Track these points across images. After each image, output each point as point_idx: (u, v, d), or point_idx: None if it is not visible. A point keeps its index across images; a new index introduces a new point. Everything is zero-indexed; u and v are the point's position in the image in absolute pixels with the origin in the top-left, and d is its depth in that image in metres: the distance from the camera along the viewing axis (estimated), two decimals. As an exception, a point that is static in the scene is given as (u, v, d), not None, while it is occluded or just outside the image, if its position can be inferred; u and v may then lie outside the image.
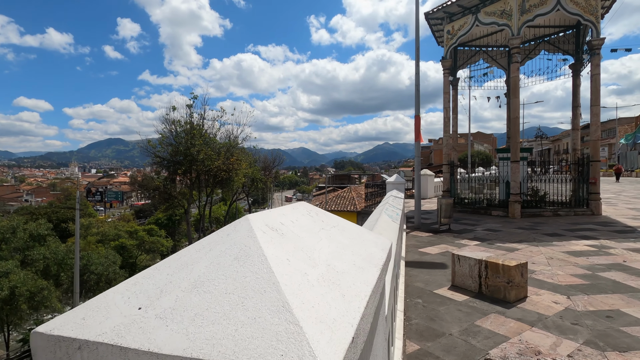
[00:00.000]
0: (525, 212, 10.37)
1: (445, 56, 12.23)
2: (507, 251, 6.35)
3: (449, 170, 12.34)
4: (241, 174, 42.89)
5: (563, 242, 6.90)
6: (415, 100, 9.00)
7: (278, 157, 63.21)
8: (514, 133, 10.36)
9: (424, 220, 10.12)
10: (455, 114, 14.68)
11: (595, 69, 10.26)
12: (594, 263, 5.44)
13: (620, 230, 7.93)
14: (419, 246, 6.95)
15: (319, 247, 1.10)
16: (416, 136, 8.96)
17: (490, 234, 8.02)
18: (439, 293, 4.35)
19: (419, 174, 9.08)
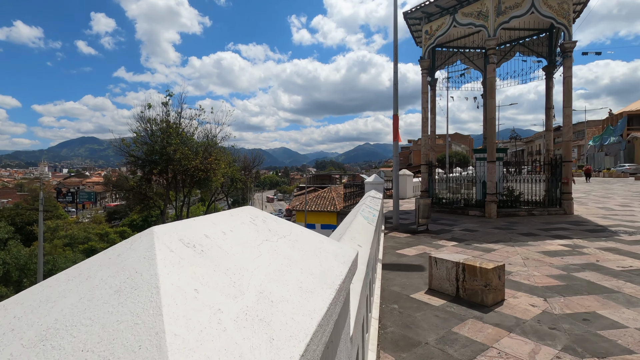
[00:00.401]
0: (501, 212, 10.47)
1: (424, 56, 12.23)
2: (484, 252, 6.30)
3: (427, 171, 12.35)
4: (220, 174, 42.03)
5: (538, 242, 6.93)
6: (394, 99, 8.89)
7: (258, 157, 62.41)
8: (490, 133, 10.45)
9: (403, 221, 10.04)
10: (433, 115, 14.74)
11: (568, 72, 10.48)
12: (568, 263, 5.44)
13: (591, 230, 8.08)
14: (396, 247, 6.81)
15: (254, 267, 0.85)
16: (395, 136, 8.85)
17: (467, 234, 7.99)
18: (415, 298, 4.19)
19: (397, 174, 8.98)
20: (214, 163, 37.79)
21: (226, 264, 0.80)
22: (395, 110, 8.84)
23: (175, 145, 33.53)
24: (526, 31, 13.21)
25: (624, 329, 3.28)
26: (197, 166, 35.79)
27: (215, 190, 47.99)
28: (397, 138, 8.81)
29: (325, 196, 28.99)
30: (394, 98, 8.88)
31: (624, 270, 5.03)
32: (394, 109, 8.86)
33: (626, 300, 3.93)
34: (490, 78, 10.42)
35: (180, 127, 37.28)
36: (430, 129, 14.79)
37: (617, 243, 6.67)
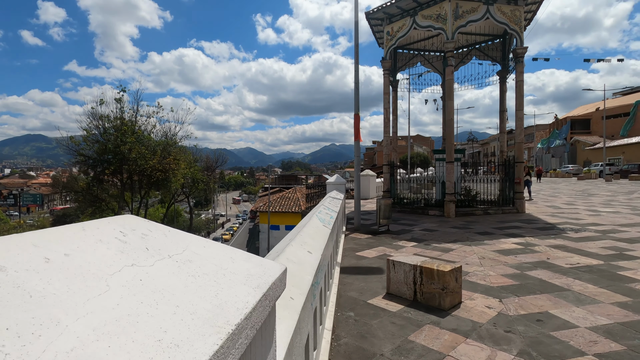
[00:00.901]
0: (459, 212, 10.70)
1: (385, 57, 12.28)
2: (442, 252, 6.29)
3: (389, 171, 12.40)
4: (180, 174, 40.19)
5: (493, 241, 7.07)
6: (355, 99, 8.77)
7: (221, 157, 60.59)
8: (448, 134, 10.66)
9: (364, 222, 9.96)
10: (395, 116, 14.91)
11: (520, 76, 10.93)
12: (521, 262, 5.53)
13: (541, 228, 8.41)
14: (356, 249, 6.65)
15: (81, 314, 0.55)
16: (356, 135, 8.72)
17: (427, 234, 8.02)
18: (373, 303, 4.00)
19: (358, 174, 8.86)
20: (173, 163, 36.08)
21: (20, 316, 0.49)
22: (356, 110, 8.72)
23: (130, 144, 31.60)
24: (482, 36, 13.69)
25: (575, 328, 3.27)
26: (154, 166, 33.98)
27: (175, 191, 45.96)
28: (359, 138, 8.69)
29: (290, 197, 28.61)
30: (355, 97, 8.76)
31: (572, 267, 5.18)
32: (355, 109, 8.74)
33: (576, 299, 3.99)
34: (448, 80, 10.63)
35: (136, 125, 35.24)
36: (392, 130, 14.93)
37: (565, 240, 6.94)
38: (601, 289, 4.27)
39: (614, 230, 7.80)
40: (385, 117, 12.42)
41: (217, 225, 72.09)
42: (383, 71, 12.43)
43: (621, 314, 3.55)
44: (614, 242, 6.66)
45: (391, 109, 13.07)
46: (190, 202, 54.55)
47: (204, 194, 68.29)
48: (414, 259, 4.24)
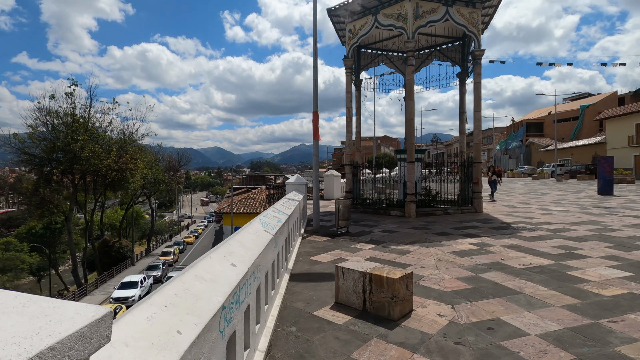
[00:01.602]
0: (420, 212, 10.68)
1: (348, 55, 12.07)
2: (399, 254, 6.10)
3: (352, 171, 12.21)
4: (138, 174, 38.02)
5: (451, 242, 6.99)
6: (314, 96, 8.44)
7: (185, 157, 58.22)
8: (409, 134, 10.61)
9: (325, 223, 9.67)
10: (358, 115, 14.79)
11: (477, 78, 11.11)
12: (476, 263, 5.44)
13: (497, 227, 8.50)
14: (312, 253, 6.31)
15: None
16: (314, 134, 8.39)
17: (386, 235, 7.85)
18: (318, 315, 3.66)
19: (316, 174, 8.54)
20: (131, 162, 34.04)
21: None
22: (315, 108, 8.40)
23: (82, 142, 29.43)
24: (443, 38, 13.86)
25: (525, 337, 3.11)
26: (109, 166, 31.86)
27: (134, 192, 43.48)
28: (317, 137, 8.37)
29: (255, 197, 27.88)
30: (314, 95, 8.43)
31: (525, 268, 5.14)
32: (314, 106, 8.41)
33: (527, 302, 3.87)
34: (409, 80, 10.59)
35: (89, 122, 32.90)
36: (356, 129, 14.79)
37: (518, 240, 7.00)
38: (552, 290, 4.20)
39: (564, 229, 8.01)
40: (347, 116, 12.21)
41: (182, 227, 69.39)
42: (345, 69, 12.22)
43: (570, 318, 3.45)
44: (564, 241, 6.79)
45: (354, 108, 12.90)
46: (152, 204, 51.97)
47: (167, 195, 65.43)
48: (364, 265, 3.96)
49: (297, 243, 6.78)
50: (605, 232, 7.61)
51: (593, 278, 4.62)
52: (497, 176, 15.74)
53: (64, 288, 32.42)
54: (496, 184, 15.52)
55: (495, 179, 15.42)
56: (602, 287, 4.29)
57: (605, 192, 16.36)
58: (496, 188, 15.66)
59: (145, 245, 48.60)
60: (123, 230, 46.23)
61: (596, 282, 4.47)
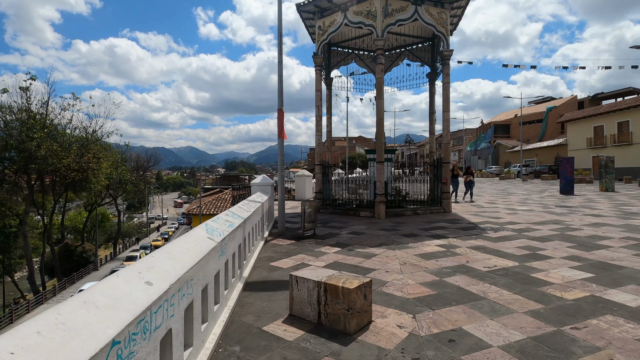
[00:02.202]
0: (389, 212, 10.54)
1: (317, 52, 11.78)
2: (364, 258, 5.84)
3: (322, 171, 11.93)
4: (102, 174, 36.09)
5: (417, 244, 6.83)
6: (279, 92, 8.07)
7: (154, 156, 56.01)
8: (379, 134, 10.45)
9: (292, 225, 9.32)
10: (329, 114, 14.52)
11: (446, 78, 11.12)
12: (441, 266, 5.27)
13: (464, 227, 8.46)
14: (273, 258, 5.94)
15: None
16: (279, 132, 8.02)
17: (353, 238, 7.60)
18: (268, 331, 3.31)
19: (282, 174, 8.17)
20: (93, 162, 32.19)
21: None
22: (280, 105, 8.03)
23: (38, 140, 27.47)
24: (413, 38, 13.84)
25: (487, 349, 2.90)
26: (69, 165, 29.95)
27: (98, 193, 41.25)
28: (282, 135, 8.00)
29: (226, 198, 27.06)
30: (279, 91, 8.06)
31: (490, 271, 5.01)
32: (279, 103, 8.04)
33: (491, 309, 3.70)
34: (378, 79, 10.42)
35: (47, 119, 30.80)
36: (327, 129, 14.53)
37: (484, 241, 6.94)
38: (515, 295, 4.06)
39: (528, 229, 8.07)
40: (317, 115, 11.92)
41: (152, 229, 66.80)
42: (315, 67, 11.92)
43: (534, 326, 3.29)
44: (528, 242, 6.79)
45: (324, 107, 12.63)
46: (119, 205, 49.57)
47: (134, 196, 62.77)
48: (321, 273, 3.64)
49: (258, 248, 6.39)
50: (567, 231, 7.71)
51: (556, 280, 4.53)
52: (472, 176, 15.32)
53: (21, 296, 30.24)
54: (473, 184, 15.19)
55: (471, 180, 15.14)
56: (565, 289, 4.19)
57: (567, 191, 16.98)
58: (472, 189, 15.22)
59: (111, 248, 46.34)
60: (87, 233, 43.80)
61: (559, 284, 4.38)
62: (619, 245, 6.36)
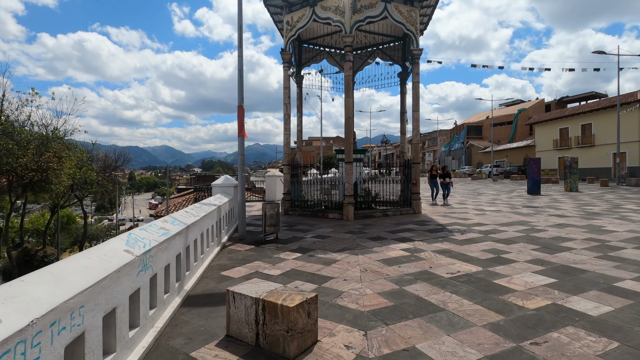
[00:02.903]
0: (358, 214, 10.27)
1: (285, 49, 11.35)
2: (324, 264, 5.49)
3: (290, 171, 11.51)
4: (64, 175, 34.24)
5: (383, 248, 6.55)
6: (239, 87, 7.60)
7: (124, 155, 53.83)
8: (347, 133, 10.15)
9: (257, 228, 8.85)
10: (300, 113, 14.13)
11: (416, 77, 10.96)
12: (403, 273, 4.98)
13: (432, 229, 8.28)
14: (225, 267, 5.48)
15: None
16: (239, 130, 7.55)
17: (317, 242, 7.23)
18: (196, 357, 2.87)
19: (242, 175, 7.69)
20: (53, 161, 30.41)
21: None
22: (240, 101, 7.56)
23: (-9, 137, 25.66)
24: (384, 37, 13.66)
25: (439, 373, 2.59)
26: (27, 165, 28.16)
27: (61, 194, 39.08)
28: (243, 133, 7.53)
29: (198, 199, 26.10)
30: (239, 85, 7.59)
31: (452, 277, 4.76)
32: (239, 99, 7.57)
33: (448, 322, 3.41)
34: (347, 76, 10.12)
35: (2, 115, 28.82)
36: (297, 128, 14.14)
37: (450, 244, 6.74)
38: (476, 305, 3.81)
39: (494, 230, 7.97)
40: (285, 113, 11.48)
41: (122, 231, 64.15)
42: (283, 63, 11.48)
43: (492, 342, 3.02)
44: (493, 244, 6.65)
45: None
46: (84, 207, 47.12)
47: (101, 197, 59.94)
48: (262, 287, 3.24)
49: (210, 255, 5.91)
50: (532, 232, 7.66)
51: (518, 287, 4.33)
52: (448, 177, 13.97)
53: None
54: (449, 186, 14.10)
55: (448, 182, 14.01)
56: (527, 297, 3.99)
57: (534, 191, 17.35)
58: (449, 191, 14.19)
59: (76, 252, 44.03)
60: (50, 236, 41.36)
61: (521, 291, 4.18)
62: (582, 247, 6.32)
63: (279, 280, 4.78)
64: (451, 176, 14.16)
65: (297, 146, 14.47)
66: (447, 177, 14.09)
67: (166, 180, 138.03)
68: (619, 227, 8.10)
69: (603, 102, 33.08)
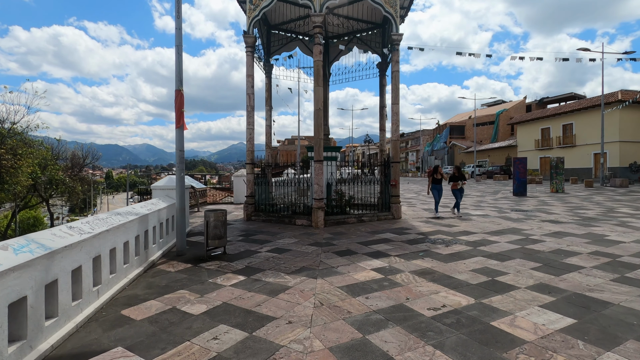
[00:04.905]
0: (330, 220, 8.98)
1: (248, 31, 9.94)
2: (269, 295, 4.15)
3: (253, 171, 10.11)
4: (23, 174, 31.73)
5: (350, 267, 5.26)
6: (176, 68, 6.17)
7: (92, 153, 51.08)
8: (316, 127, 8.82)
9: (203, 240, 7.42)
10: (269, 106, 12.73)
11: (395, 65, 9.76)
12: (371, 310, 3.69)
13: (412, 240, 7.06)
14: (135, 300, 4.06)
15: None
16: (177, 120, 6.12)
17: (272, 258, 5.88)
18: None
19: (181, 176, 6.25)
20: (6, 158, 27.98)
21: None
22: (179, 85, 6.13)
23: None
24: (362, 23, 12.42)
25: None
26: (-24, 163, 25.77)
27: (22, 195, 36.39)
28: (182, 123, 6.11)
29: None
30: (176, 65, 6.16)
31: (436, 316, 3.51)
32: (177, 83, 6.14)
33: (430, 415, 2.13)
34: (316, 62, 8.79)
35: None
36: (266, 122, 12.75)
37: (433, 261, 5.52)
38: (471, 372, 2.55)
39: (484, 241, 6.82)
40: (248, 105, 10.07)
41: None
42: (246, 48, 10.07)
43: None
44: (485, 261, 5.46)
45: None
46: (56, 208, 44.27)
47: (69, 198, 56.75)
48: None
49: (123, 281, 4.47)
50: (527, 244, 6.54)
51: (527, 334, 3.10)
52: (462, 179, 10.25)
53: None
54: (462, 193, 10.49)
55: (462, 187, 10.40)
56: (542, 355, 2.75)
57: (520, 192, 16.50)
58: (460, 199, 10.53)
59: (38, 257, 41.18)
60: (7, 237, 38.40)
61: (532, 343, 2.95)
62: (591, 264, 5.19)
63: (198, 322, 3.42)
64: (465, 178, 10.73)
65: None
66: (460, 180, 10.38)
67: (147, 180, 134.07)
68: (624, 237, 7.08)
69: (584, 102, 32.98)
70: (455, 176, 10.51)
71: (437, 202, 10.34)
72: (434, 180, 10.42)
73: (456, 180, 10.46)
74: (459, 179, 10.44)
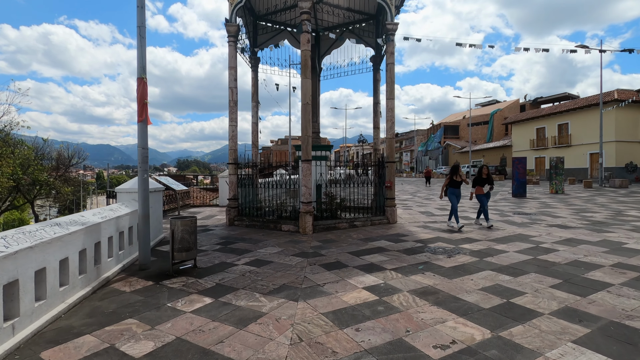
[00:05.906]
0: (319, 225, 8.20)
1: (231, 19, 9.12)
2: (236, 325, 3.35)
3: (236, 171, 9.29)
4: (4, 174, 30.49)
5: (338, 285, 4.47)
6: (138, 53, 5.33)
7: (78, 153, 49.71)
8: (304, 124, 8.02)
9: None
10: (255, 102, 11.90)
11: (390, 57, 9.01)
12: (362, 349, 2.90)
13: (410, 249, 6.30)
14: (67, 334, 3.22)
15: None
16: (139, 113, 5.28)
17: (249, 272, 5.07)
18: None
19: (143, 177, 5.41)
20: (-14, 159, 26.77)
21: None
22: (141, 72, 5.29)
23: None
24: (356, 14, 11.65)
25: None
26: (-48, 163, 24.56)
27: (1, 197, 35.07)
28: (144, 117, 5.27)
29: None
30: (138, 49, 5.32)
31: (445, 357, 2.74)
32: (139, 70, 5.30)
33: None
34: (304, 51, 8.00)
35: None
36: (253, 120, 11.93)
37: (435, 276, 4.75)
38: None
39: (490, 251, 6.08)
40: (230, 99, 9.24)
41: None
42: (228, 38, 9.25)
43: None
44: (495, 275, 4.72)
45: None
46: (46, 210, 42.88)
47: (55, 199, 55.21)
48: None
49: (60, 307, 3.63)
50: (540, 254, 5.82)
51: (567, 388, 2.35)
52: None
53: None
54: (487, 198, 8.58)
55: (488, 191, 8.59)
56: None
57: (519, 194, 15.88)
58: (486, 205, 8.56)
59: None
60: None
61: (577, 404, 2.19)
62: (618, 280, 4.47)
63: (136, 372, 2.60)
64: (493, 182, 8.73)
65: (252, 141, 12.24)
66: (488, 184, 8.54)
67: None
68: (643, 244, 6.40)
69: (580, 101, 32.62)
70: (482, 179, 8.47)
71: (455, 209, 8.20)
72: (451, 182, 8.35)
73: (482, 183, 8.45)
74: (485, 182, 8.44)
